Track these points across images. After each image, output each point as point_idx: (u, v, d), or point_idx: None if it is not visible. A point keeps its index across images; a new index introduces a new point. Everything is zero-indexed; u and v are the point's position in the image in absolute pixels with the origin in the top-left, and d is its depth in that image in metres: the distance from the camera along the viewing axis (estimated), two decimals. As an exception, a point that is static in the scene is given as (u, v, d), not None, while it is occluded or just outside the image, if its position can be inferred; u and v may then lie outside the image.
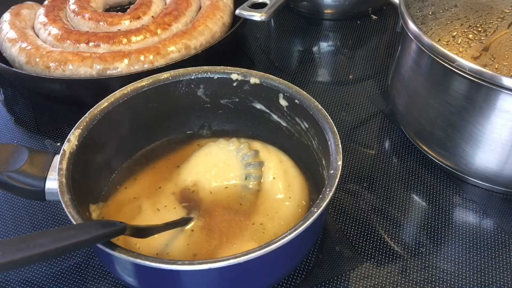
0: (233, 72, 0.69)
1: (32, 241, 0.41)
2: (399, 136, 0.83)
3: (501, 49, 0.67)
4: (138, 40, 0.89)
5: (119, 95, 0.66)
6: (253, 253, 0.48)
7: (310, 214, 0.51)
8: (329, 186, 0.54)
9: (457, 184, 0.75)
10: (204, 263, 0.48)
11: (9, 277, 0.64)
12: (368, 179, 0.76)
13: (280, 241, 0.49)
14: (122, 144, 0.69)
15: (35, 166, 0.58)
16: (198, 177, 0.67)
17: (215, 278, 0.52)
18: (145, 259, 0.48)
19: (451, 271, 0.64)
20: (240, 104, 0.72)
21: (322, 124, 0.62)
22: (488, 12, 0.73)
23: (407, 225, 0.70)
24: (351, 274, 0.64)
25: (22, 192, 0.58)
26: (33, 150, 0.59)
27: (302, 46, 1.06)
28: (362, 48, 1.05)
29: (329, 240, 0.68)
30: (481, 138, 0.67)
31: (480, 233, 0.69)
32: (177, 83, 0.69)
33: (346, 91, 0.93)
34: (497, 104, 0.63)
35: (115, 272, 0.55)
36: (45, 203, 0.73)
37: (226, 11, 0.98)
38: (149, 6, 0.97)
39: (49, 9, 0.97)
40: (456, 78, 0.65)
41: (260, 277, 0.55)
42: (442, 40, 0.70)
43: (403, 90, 0.78)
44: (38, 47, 0.87)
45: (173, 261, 0.48)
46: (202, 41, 0.91)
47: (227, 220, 0.63)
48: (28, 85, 0.92)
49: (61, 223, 0.71)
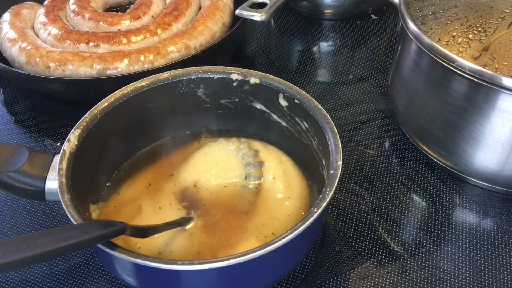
0: (233, 72, 0.69)
1: (32, 241, 0.41)
2: (399, 136, 0.83)
3: (501, 49, 0.67)
4: (138, 40, 0.89)
5: (119, 95, 0.66)
6: (253, 253, 0.48)
7: (310, 214, 0.51)
8: (329, 186, 0.54)
9: (457, 184, 0.75)
10: (204, 263, 0.48)
11: (9, 277, 0.64)
12: (368, 179, 0.76)
13: (280, 241, 0.49)
14: (122, 144, 0.69)
15: (35, 166, 0.58)
16: (198, 177, 0.67)
17: (215, 278, 0.52)
18: (145, 259, 0.48)
19: (451, 271, 0.64)
20: (240, 104, 0.72)
21: (322, 124, 0.62)
22: (488, 12, 0.73)
23: (407, 225, 0.70)
24: (351, 274, 0.64)
25: (22, 192, 0.58)
26: (33, 150, 0.59)
27: (302, 46, 1.06)
28: (362, 48, 1.05)
29: (329, 240, 0.68)
30: (481, 138, 0.67)
31: (480, 233, 0.69)
32: (177, 83, 0.69)
33: (346, 91, 0.93)
34: (497, 104, 0.63)
35: (115, 272, 0.55)
36: (45, 203, 0.73)
37: (226, 11, 0.98)
38: (149, 6, 0.97)
39: (49, 9, 0.97)
40: (456, 78, 0.65)
41: (260, 277, 0.55)
42: (442, 40, 0.70)
43: (403, 90, 0.78)
44: (38, 47, 0.87)
45: (173, 261, 0.48)
46: (202, 41, 0.91)
47: (227, 220, 0.63)
48: (28, 85, 0.92)
49: (61, 223, 0.71)
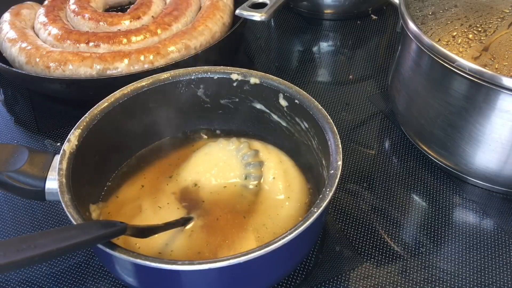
0: (233, 72, 0.69)
1: (32, 242, 0.41)
2: (399, 136, 0.83)
3: (501, 49, 0.67)
4: (138, 40, 0.89)
5: (119, 95, 0.66)
6: (253, 253, 0.48)
7: (310, 214, 0.51)
8: (329, 186, 0.54)
9: (457, 184, 0.75)
10: (204, 263, 0.48)
11: (9, 277, 0.64)
12: (368, 179, 0.76)
13: (280, 241, 0.49)
14: (122, 144, 0.69)
15: (35, 166, 0.58)
16: (198, 177, 0.67)
17: (215, 278, 0.52)
18: (145, 259, 0.48)
19: (451, 271, 0.64)
20: (240, 104, 0.72)
21: (322, 124, 0.62)
22: (488, 12, 0.73)
23: (407, 225, 0.70)
24: (351, 274, 0.64)
25: (22, 192, 0.58)
26: (33, 150, 0.59)
27: (302, 46, 1.06)
28: (362, 48, 1.05)
29: (329, 240, 0.68)
30: (481, 138, 0.67)
31: (480, 233, 0.69)
32: (177, 83, 0.69)
33: (346, 91, 0.93)
34: (497, 104, 0.63)
35: (115, 272, 0.55)
36: (45, 203, 0.73)
37: (226, 11, 0.98)
38: (149, 6, 0.97)
39: (49, 9, 0.97)
40: (456, 78, 0.65)
41: (260, 277, 0.55)
42: (442, 40, 0.70)
43: (403, 90, 0.78)
44: (38, 47, 0.87)
45: (173, 261, 0.48)
46: (202, 41, 0.91)
47: (226, 220, 0.63)
48: (28, 85, 0.92)
49: (61, 223, 0.71)
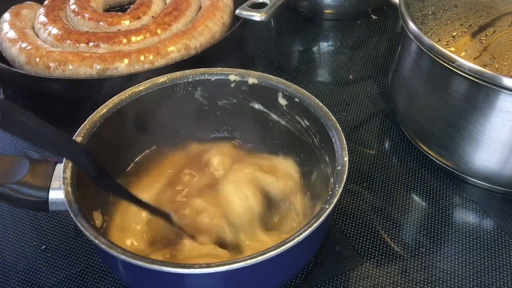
0: (231, 73, 0.69)
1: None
2: (399, 136, 0.83)
3: (501, 49, 0.67)
4: (138, 40, 0.89)
5: (117, 100, 0.65)
6: (269, 253, 0.48)
7: (322, 211, 0.51)
8: (338, 182, 0.54)
9: (457, 184, 0.75)
10: (208, 266, 0.47)
11: (9, 277, 0.64)
12: (368, 179, 0.76)
13: (295, 239, 0.49)
14: (122, 149, 0.68)
15: (37, 176, 0.56)
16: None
17: (220, 281, 0.52)
18: (148, 261, 0.48)
19: (451, 271, 0.64)
20: (238, 105, 0.72)
21: (325, 121, 0.62)
22: (488, 12, 0.73)
23: (407, 225, 0.70)
24: (351, 274, 0.64)
25: (25, 204, 0.56)
26: (34, 160, 0.57)
27: (302, 46, 1.06)
28: (362, 48, 1.05)
29: (329, 240, 0.68)
30: (481, 138, 0.67)
31: (480, 233, 0.69)
32: (174, 86, 0.69)
33: (346, 91, 0.93)
34: (497, 104, 0.63)
35: (115, 272, 0.55)
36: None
37: (226, 11, 0.98)
38: (149, 6, 0.97)
39: (49, 9, 0.97)
40: (456, 78, 0.65)
41: (272, 277, 0.55)
42: (442, 40, 0.70)
43: (403, 90, 0.78)
44: (38, 47, 0.87)
45: (176, 264, 0.48)
46: (202, 41, 0.91)
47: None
48: (28, 85, 0.92)
49: (61, 223, 0.71)
